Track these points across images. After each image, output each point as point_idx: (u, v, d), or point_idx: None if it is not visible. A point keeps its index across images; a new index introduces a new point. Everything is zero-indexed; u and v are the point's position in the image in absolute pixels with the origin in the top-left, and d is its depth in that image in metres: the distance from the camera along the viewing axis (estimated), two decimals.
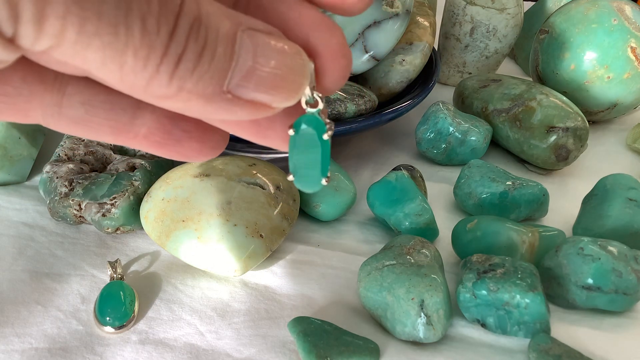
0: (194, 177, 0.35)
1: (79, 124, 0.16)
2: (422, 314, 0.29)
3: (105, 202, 0.35)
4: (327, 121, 0.16)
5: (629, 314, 0.33)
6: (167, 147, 0.17)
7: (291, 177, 0.17)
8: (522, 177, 0.43)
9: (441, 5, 0.65)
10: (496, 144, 0.50)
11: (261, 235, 0.34)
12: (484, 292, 0.30)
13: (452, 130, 0.46)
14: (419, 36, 0.48)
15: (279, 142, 0.17)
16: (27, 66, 0.14)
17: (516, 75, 0.62)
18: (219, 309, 0.33)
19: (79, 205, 0.36)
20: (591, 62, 0.50)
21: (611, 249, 0.32)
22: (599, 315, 0.33)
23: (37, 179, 0.42)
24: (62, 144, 0.41)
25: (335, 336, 0.30)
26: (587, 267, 0.31)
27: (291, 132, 0.16)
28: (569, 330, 0.32)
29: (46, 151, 0.44)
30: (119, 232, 0.36)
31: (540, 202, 0.40)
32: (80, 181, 0.37)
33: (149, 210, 0.35)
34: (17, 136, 0.41)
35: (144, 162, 0.39)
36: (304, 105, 0.15)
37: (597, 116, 0.53)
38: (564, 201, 0.44)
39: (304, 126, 0.16)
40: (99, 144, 0.41)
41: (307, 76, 0.14)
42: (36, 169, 0.43)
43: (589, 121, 0.49)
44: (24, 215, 0.39)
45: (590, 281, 0.31)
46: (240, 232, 0.33)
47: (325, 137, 0.16)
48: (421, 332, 0.30)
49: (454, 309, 0.32)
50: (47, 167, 0.38)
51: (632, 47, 0.48)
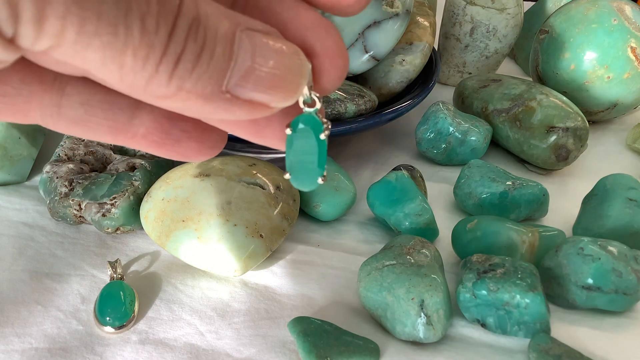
0: (194, 177, 0.35)
1: (78, 124, 0.16)
2: (422, 314, 0.29)
3: (105, 202, 0.35)
4: (324, 121, 0.16)
5: (629, 314, 0.33)
6: (165, 147, 0.17)
7: (288, 176, 0.17)
8: (522, 177, 0.43)
9: (441, 5, 0.65)
10: (496, 144, 0.50)
11: (261, 235, 0.34)
12: (484, 292, 0.30)
13: (452, 130, 0.46)
14: (419, 36, 0.48)
15: (276, 141, 0.17)
16: (26, 67, 0.14)
17: (516, 75, 0.62)
18: (219, 309, 0.33)
19: (79, 205, 0.36)
20: (591, 62, 0.50)
21: (611, 249, 0.32)
22: (599, 315, 0.33)
23: (37, 179, 0.42)
24: (62, 144, 0.41)
25: (335, 336, 0.30)
26: (587, 267, 0.31)
27: (288, 131, 0.16)
28: (569, 330, 0.32)
29: (46, 151, 0.44)
30: (119, 232, 0.36)
31: (540, 202, 0.40)
32: (80, 181, 0.37)
33: (149, 210, 0.35)
34: (17, 136, 0.41)
35: (144, 162, 0.39)
36: (301, 104, 0.15)
37: (597, 116, 0.53)
38: (564, 201, 0.44)
39: (301, 125, 0.16)
40: (99, 144, 0.41)
41: (306, 76, 0.14)
42: (36, 169, 0.43)
43: (589, 121, 0.49)
44: (24, 215, 0.39)
45: (590, 281, 0.31)
46: (240, 232, 0.33)
47: (322, 136, 0.16)
48: (421, 332, 0.30)
49: (454, 309, 0.32)
50: (47, 167, 0.38)
51: (632, 47, 0.48)
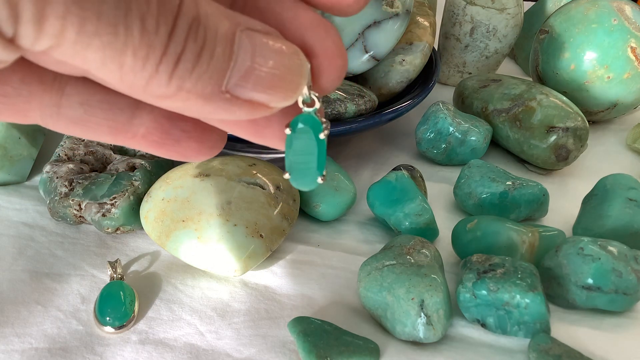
0: (194, 177, 0.35)
1: (78, 124, 0.16)
2: (422, 314, 0.29)
3: (105, 202, 0.35)
4: (324, 120, 0.16)
5: (629, 314, 0.33)
6: (165, 147, 0.17)
7: (287, 176, 0.17)
8: (522, 177, 0.43)
9: (441, 5, 0.65)
10: (496, 144, 0.50)
11: (261, 235, 0.34)
12: (484, 292, 0.30)
13: (452, 130, 0.46)
14: (419, 36, 0.48)
15: (276, 141, 0.17)
16: (26, 67, 0.14)
17: (516, 75, 0.62)
18: (219, 309, 0.33)
19: (79, 205, 0.36)
20: (591, 62, 0.50)
21: (611, 249, 0.32)
22: (599, 315, 0.33)
23: (37, 179, 0.42)
24: (62, 144, 0.41)
25: (335, 336, 0.30)
26: (587, 267, 0.31)
27: (288, 131, 0.16)
28: (569, 330, 0.32)
29: (46, 151, 0.44)
30: (119, 232, 0.36)
31: (540, 202, 0.40)
32: (80, 181, 0.37)
33: (149, 210, 0.35)
34: (17, 136, 0.41)
35: (144, 162, 0.39)
36: (300, 104, 0.15)
37: (597, 116, 0.53)
38: (564, 201, 0.44)
39: (300, 125, 0.16)
40: (99, 144, 0.41)
41: (305, 76, 0.15)
42: (36, 169, 0.43)
43: (589, 121, 0.49)
44: (24, 215, 0.39)
45: (590, 281, 0.31)
46: (240, 232, 0.33)
47: (321, 136, 0.16)
48: (421, 332, 0.30)
49: (454, 309, 0.32)
50: (47, 167, 0.38)
51: (632, 47, 0.48)
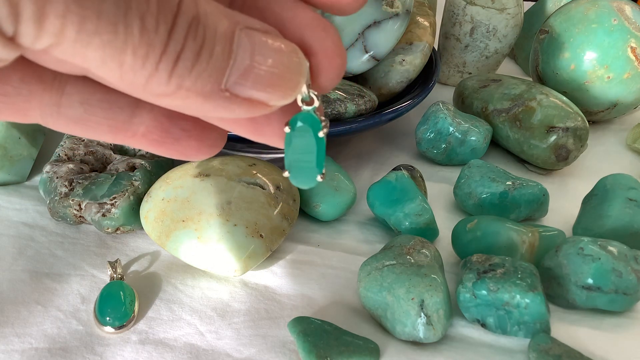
0: (194, 177, 0.35)
1: (78, 123, 0.16)
2: (422, 314, 0.29)
3: (105, 202, 0.35)
4: (323, 119, 0.16)
5: (629, 314, 0.33)
6: (165, 146, 0.17)
7: (287, 174, 0.17)
8: (522, 177, 0.43)
9: (441, 5, 0.65)
10: (496, 144, 0.50)
11: (261, 235, 0.34)
12: (484, 292, 0.30)
13: (452, 130, 0.46)
14: (419, 36, 0.48)
15: (275, 139, 0.17)
16: (26, 66, 0.14)
17: (516, 75, 0.62)
18: (219, 309, 0.33)
19: (79, 205, 0.36)
20: (591, 62, 0.50)
21: (611, 249, 0.32)
22: (599, 315, 0.33)
23: (37, 179, 0.42)
24: (62, 144, 0.41)
25: (335, 336, 0.30)
26: (587, 267, 0.31)
27: (287, 129, 0.16)
28: (569, 330, 0.32)
29: (46, 151, 0.44)
30: (119, 232, 0.36)
31: (540, 202, 0.40)
32: (80, 181, 0.37)
33: (149, 210, 0.35)
34: (17, 136, 0.41)
35: (144, 162, 0.39)
36: (299, 103, 0.15)
37: (597, 116, 0.53)
38: (564, 201, 0.44)
39: (299, 124, 0.16)
40: (99, 143, 0.41)
41: (304, 74, 0.15)
42: (36, 169, 0.43)
43: (589, 121, 0.49)
44: (24, 215, 0.39)
45: (590, 281, 0.31)
46: (240, 232, 0.33)
47: (320, 134, 0.16)
48: (421, 332, 0.30)
49: (454, 309, 0.32)
50: (47, 167, 0.38)
51: (632, 47, 0.48)
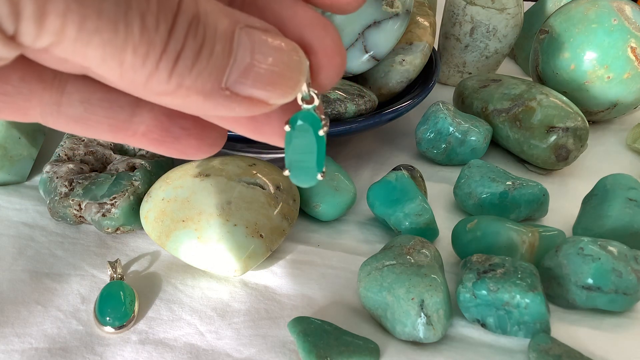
0: (194, 177, 0.35)
1: (78, 122, 0.16)
2: (422, 314, 0.29)
3: (105, 202, 0.35)
4: (323, 117, 0.16)
5: (629, 314, 0.33)
6: (165, 145, 0.17)
7: (287, 173, 0.17)
8: (522, 177, 0.43)
9: (441, 5, 0.65)
10: (496, 144, 0.50)
11: (261, 235, 0.34)
12: (484, 292, 0.30)
13: (452, 130, 0.46)
14: (419, 36, 0.48)
15: (275, 138, 0.17)
16: (26, 65, 0.15)
17: (516, 75, 0.62)
18: (219, 309, 0.33)
19: (79, 205, 0.36)
20: (591, 62, 0.50)
21: (611, 249, 0.32)
22: (599, 315, 0.33)
23: (37, 179, 0.42)
24: (62, 144, 0.41)
25: (335, 336, 0.30)
26: (587, 267, 0.31)
27: (287, 128, 0.16)
28: (569, 330, 0.32)
29: (46, 151, 0.44)
30: (119, 232, 0.36)
31: (540, 202, 0.40)
32: (80, 181, 0.37)
33: (149, 210, 0.35)
34: (17, 136, 0.41)
35: (144, 162, 0.39)
36: (299, 101, 0.15)
37: (597, 116, 0.53)
38: (564, 201, 0.44)
39: (299, 122, 0.16)
40: (99, 143, 0.41)
41: (304, 73, 0.15)
42: (36, 169, 0.43)
43: (589, 121, 0.49)
44: (24, 215, 0.39)
45: (590, 281, 0.31)
46: (240, 232, 0.33)
47: (321, 133, 0.16)
48: (421, 332, 0.30)
49: (454, 309, 0.32)
50: (47, 167, 0.38)
51: (632, 47, 0.48)
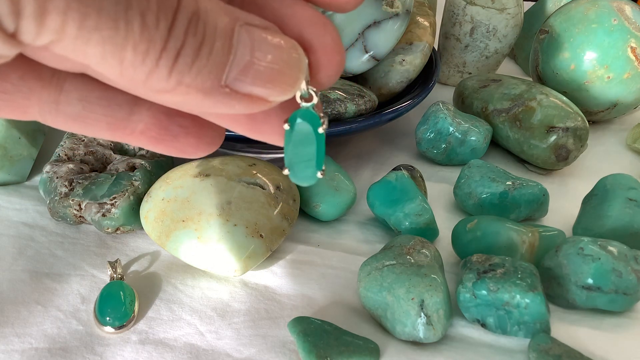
0: (194, 177, 0.35)
1: (76, 120, 0.16)
2: (422, 314, 0.29)
3: (105, 202, 0.35)
4: (322, 115, 0.16)
5: (629, 314, 0.33)
6: (164, 143, 0.17)
7: (286, 172, 0.17)
8: (522, 177, 0.43)
9: (441, 5, 0.65)
10: (496, 144, 0.50)
11: (261, 235, 0.34)
12: (484, 292, 0.30)
13: (452, 130, 0.46)
14: (419, 36, 0.48)
15: (274, 137, 0.17)
16: (25, 64, 0.15)
17: (516, 75, 0.62)
18: (219, 309, 0.33)
19: (79, 205, 0.36)
20: (591, 62, 0.50)
21: (611, 249, 0.32)
22: (599, 315, 0.33)
23: (37, 179, 0.42)
24: (62, 144, 0.41)
25: (335, 336, 0.30)
26: (587, 267, 0.31)
27: (286, 126, 0.16)
28: (569, 330, 0.32)
29: (46, 151, 0.44)
30: (119, 232, 0.36)
31: (540, 202, 0.40)
32: (80, 181, 0.37)
33: (149, 210, 0.35)
34: (17, 136, 0.41)
35: (144, 162, 0.39)
36: (298, 99, 0.15)
37: (597, 116, 0.53)
38: (564, 201, 0.44)
39: (299, 120, 0.16)
40: (99, 143, 0.41)
41: (304, 70, 0.15)
42: (36, 169, 0.43)
43: (589, 121, 0.49)
44: (24, 215, 0.39)
45: (590, 281, 0.31)
46: (240, 232, 0.33)
47: (320, 130, 0.16)
48: (421, 332, 0.30)
49: (454, 309, 0.32)
50: (47, 167, 0.38)
51: (632, 47, 0.48)
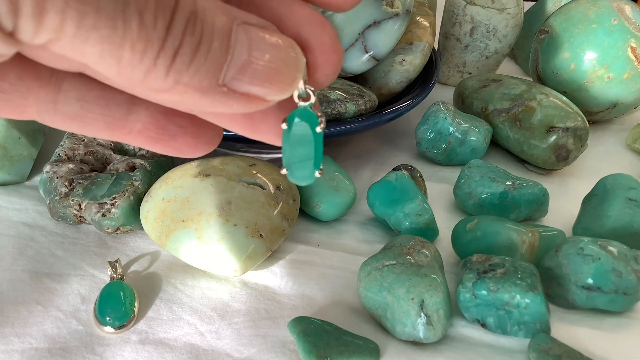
0: (194, 177, 0.35)
1: (74, 120, 0.16)
2: (422, 314, 0.29)
3: (105, 202, 0.35)
4: (319, 114, 0.16)
5: (629, 314, 0.33)
6: (162, 143, 0.17)
7: (285, 171, 0.17)
8: (522, 177, 0.43)
9: (441, 5, 0.65)
10: (496, 144, 0.50)
11: (261, 235, 0.34)
12: (484, 292, 0.30)
13: (452, 130, 0.46)
14: (419, 36, 0.48)
15: (271, 136, 0.17)
16: (23, 63, 0.15)
17: (516, 75, 0.62)
18: (219, 309, 0.33)
19: (79, 205, 0.36)
20: (591, 62, 0.50)
21: (611, 249, 0.32)
22: (599, 315, 0.33)
23: (37, 179, 0.42)
24: (62, 144, 0.41)
25: (335, 336, 0.30)
26: (587, 267, 0.31)
27: (284, 126, 0.16)
28: (569, 330, 0.32)
29: (46, 151, 0.44)
30: (119, 232, 0.36)
31: (540, 202, 0.40)
32: (80, 181, 0.37)
33: (149, 210, 0.35)
34: (17, 136, 0.41)
35: (144, 162, 0.39)
36: (296, 99, 0.16)
37: (597, 116, 0.53)
38: (564, 201, 0.44)
39: (297, 120, 0.16)
40: (99, 143, 0.41)
41: (301, 70, 0.15)
42: (36, 169, 0.43)
43: (589, 121, 0.49)
44: (24, 215, 0.39)
45: (590, 281, 0.31)
46: (240, 232, 0.33)
47: (318, 129, 0.16)
48: (421, 332, 0.30)
49: (454, 309, 0.32)
50: (47, 167, 0.38)
51: (632, 47, 0.48)
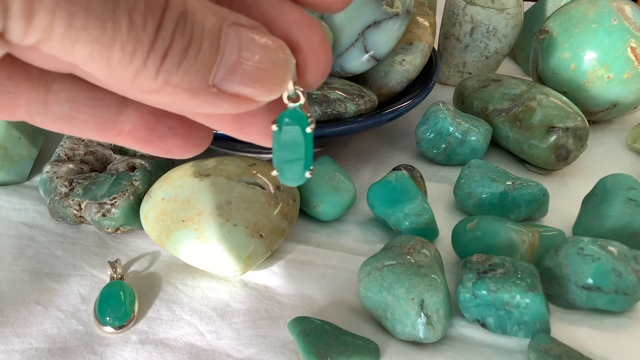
0: (194, 177, 0.35)
1: (64, 121, 0.16)
2: (422, 314, 0.29)
3: (105, 202, 0.35)
4: (309, 115, 0.16)
5: (629, 314, 0.33)
6: (151, 144, 0.17)
7: (275, 173, 0.17)
8: (522, 177, 0.43)
9: (441, 5, 0.65)
10: (496, 144, 0.50)
11: (261, 235, 0.34)
12: (484, 292, 0.30)
13: (452, 130, 0.46)
14: (419, 36, 0.48)
15: (260, 137, 0.17)
16: (13, 64, 0.15)
17: (516, 75, 0.62)
18: (219, 309, 0.33)
19: (79, 205, 0.36)
20: (591, 62, 0.50)
21: (611, 249, 0.32)
22: (599, 315, 0.33)
23: (37, 179, 0.42)
24: (62, 144, 0.41)
25: (335, 336, 0.30)
26: (587, 267, 0.31)
27: (274, 127, 0.16)
28: (569, 330, 0.32)
29: (46, 151, 0.44)
30: (119, 232, 0.36)
31: (540, 202, 0.40)
32: (80, 181, 0.37)
33: (149, 210, 0.35)
34: (17, 136, 0.41)
35: (144, 162, 0.39)
36: (285, 100, 0.16)
37: (597, 116, 0.53)
38: (564, 201, 0.44)
39: (286, 120, 0.16)
40: (99, 144, 0.41)
41: (291, 71, 0.15)
42: (36, 169, 0.43)
43: (589, 121, 0.49)
44: (24, 215, 0.39)
45: (590, 281, 0.31)
46: (240, 232, 0.33)
47: (308, 130, 0.16)
48: (421, 332, 0.30)
49: (454, 309, 0.32)
50: (47, 167, 0.38)
51: (632, 47, 0.48)
